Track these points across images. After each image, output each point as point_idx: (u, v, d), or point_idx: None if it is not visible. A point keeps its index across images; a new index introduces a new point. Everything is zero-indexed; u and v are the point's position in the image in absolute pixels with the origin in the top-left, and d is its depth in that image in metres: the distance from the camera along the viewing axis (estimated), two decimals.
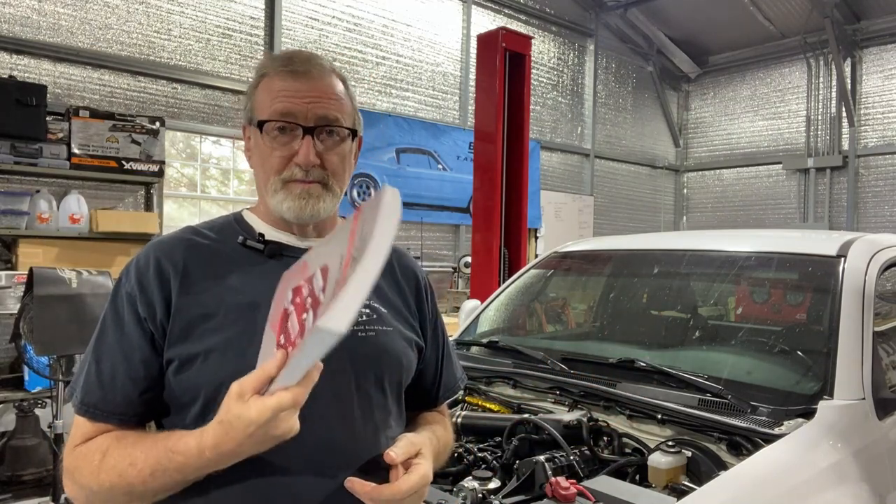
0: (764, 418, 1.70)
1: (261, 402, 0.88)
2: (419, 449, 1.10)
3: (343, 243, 0.90)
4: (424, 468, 1.07)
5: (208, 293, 1.11)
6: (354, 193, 7.00)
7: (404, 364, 1.22)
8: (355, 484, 1.03)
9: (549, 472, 1.56)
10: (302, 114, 1.13)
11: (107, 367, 1.09)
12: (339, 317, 0.78)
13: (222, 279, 1.13)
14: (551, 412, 1.99)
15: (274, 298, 1.01)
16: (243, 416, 0.89)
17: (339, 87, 1.19)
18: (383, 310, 1.22)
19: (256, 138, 1.17)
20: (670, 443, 1.70)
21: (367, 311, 1.18)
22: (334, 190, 1.17)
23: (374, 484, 1.03)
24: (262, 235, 1.18)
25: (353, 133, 1.20)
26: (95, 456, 1.03)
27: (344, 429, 1.09)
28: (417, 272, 1.34)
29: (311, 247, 1.12)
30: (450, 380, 1.39)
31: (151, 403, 1.11)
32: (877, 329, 1.99)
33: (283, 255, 1.17)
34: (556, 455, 1.65)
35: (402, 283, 1.30)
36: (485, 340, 2.65)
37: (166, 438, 1.00)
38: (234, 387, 0.91)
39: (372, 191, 7.06)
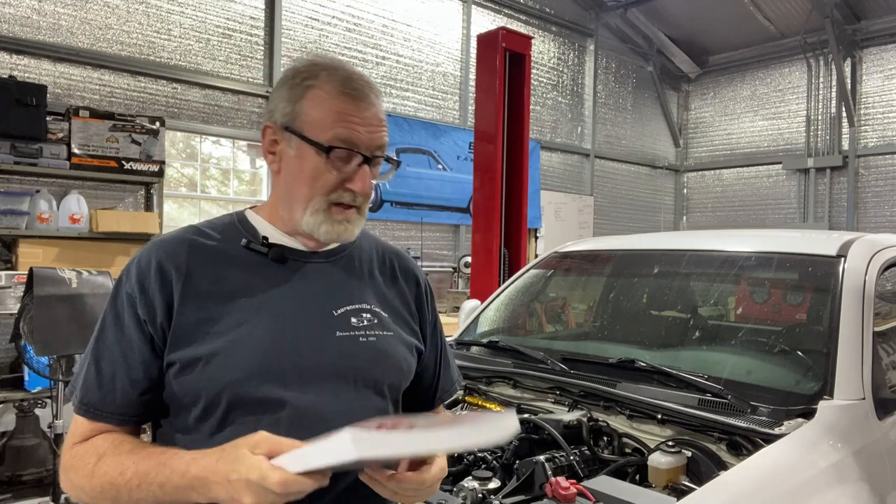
0: (764, 418, 1.70)
1: (265, 465, 0.89)
2: None
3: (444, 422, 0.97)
4: (442, 462, 1.08)
5: (211, 296, 1.11)
6: None
7: (404, 369, 1.23)
8: (375, 473, 1.01)
9: (549, 472, 1.56)
10: (364, 143, 1.12)
11: (106, 368, 1.09)
12: (365, 445, 0.82)
13: (225, 282, 1.12)
14: (551, 412, 1.99)
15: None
16: (243, 462, 0.91)
17: (384, 109, 1.19)
18: (384, 314, 1.22)
19: (302, 152, 1.12)
20: (670, 443, 1.70)
21: (369, 315, 1.19)
22: (364, 212, 1.19)
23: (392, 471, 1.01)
24: (265, 239, 1.17)
25: (395, 163, 1.25)
26: (91, 458, 1.05)
27: (349, 420, 1.08)
28: (418, 274, 1.35)
29: (322, 262, 1.20)
30: (447, 382, 1.39)
31: (150, 405, 1.11)
32: (877, 329, 1.99)
33: (287, 259, 1.17)
34: (556, 455, 1.65)
35: (402, 286, 1.30)
36: (485, 340, 2.65)
37: (162, 453, 1.02)
38: (258, 436, 0.94)
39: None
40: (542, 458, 1.60)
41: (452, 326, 3.29)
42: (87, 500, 1.06)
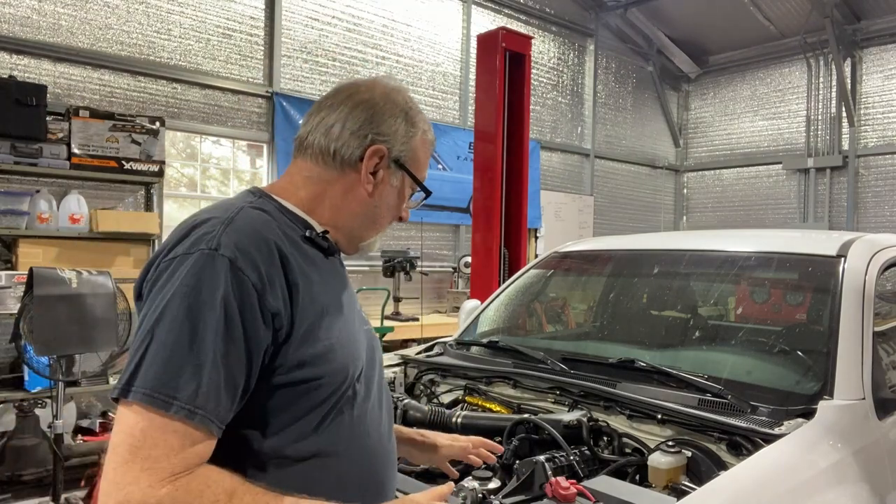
0: (764, 418, 1.70)
1: None
2: None
3: None
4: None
5: (313, 289, 1.08)
6: None
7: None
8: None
9: (549, 472, 1.56)
10: None
11: (236, 370, 0.95)
12: None
13: (315, 274, 1.11)
14: (551, 412, 1.99)
15: None
16: None
17: None
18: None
19: (403, 186, 1.24)
20: (670, 443, 1.70)
21: (363, 312, 1.33)
22: None
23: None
24: (326, 233, 1.19)
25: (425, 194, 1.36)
26: (219, 495, 0.88)
27: (388, 403, 1.28)
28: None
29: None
30: None
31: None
32: (877, 329, 1.99)
33: (331, 255, 1.22)
34: (556, 455, 1.65)
35: None
36: (485, 340, 2.65)
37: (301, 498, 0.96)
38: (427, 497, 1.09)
39: None
40: (542, 458, 1.60)
41: (452, 326, 3.29)
42: None
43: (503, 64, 5.19)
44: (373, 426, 1.16)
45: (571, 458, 1.66)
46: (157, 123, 5.20)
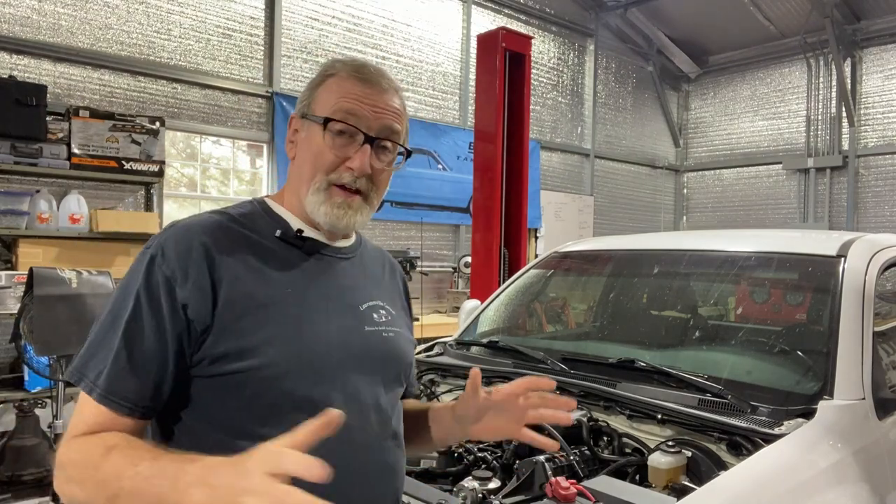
0: (764, 418, 1.70)
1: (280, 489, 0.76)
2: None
3: None
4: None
5: (256, 286, 1.08)
6: None
7: (411, 363, 1.34)
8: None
9: (549, 472, 1.56)
10: (366, 121, 1.15)
11: (139, 355, 1.01)
12: None
13: (266, 272, 1.11)
14: None
15: None
16: (251, 480, 0.77)
17: (403, 104, 1.23)
18: (392, 311, 1.28)
19: (310, 133, 1.15)
20: (670, 443, 1.70)
21: (384, 312, 1.25)
22: (373, 203, 1.19)
23: None
24: (300, 231, 1.17)
25: (405, 152, 1.23)
26: (98, 450, 0.95)
27: (376, 418, 1.16)
28: (403, 274, 1.45)
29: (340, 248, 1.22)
30: (413, 379, 1.46)
31: (170, 397, 1.06)
32: (877, 329, 1.99)
33: (315, 253, 1.19)
34: (556, 455, 1.65)
35: (397, 285, 1.39)
36: (485, 340, 2.65)
37: (168, 457, 0.91)
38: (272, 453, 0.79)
39: None
40: (542, 458, 1.60)
41: (452, 326, 3.29)
42: (82, 498, 0.95)
43: (503, 64, 5.19)
44: (324, 440, 0.96)
45: (571, 458, 1.66)
46: (157, 123, 5.20)
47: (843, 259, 2.15)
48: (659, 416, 1.80)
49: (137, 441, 0.98)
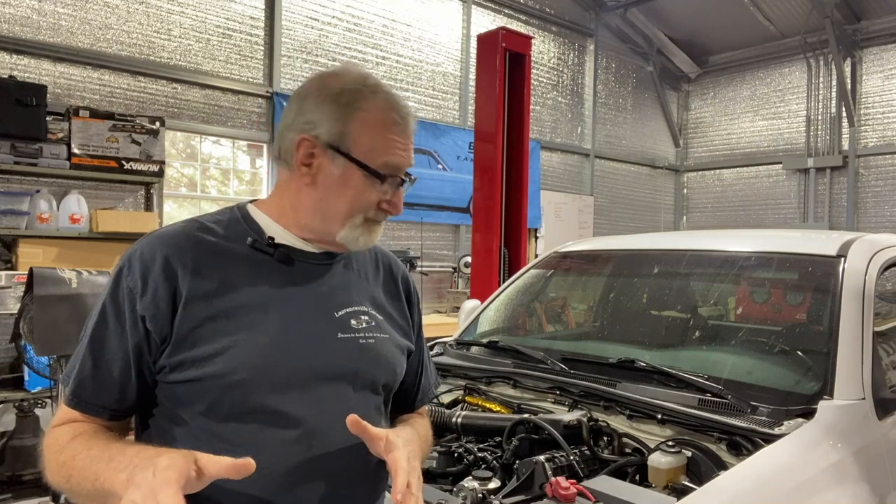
0: (764, 418, 1.70)
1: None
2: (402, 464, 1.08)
3: None
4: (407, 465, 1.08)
5: (217, 296, 1.10)
6: None
7: (397, 371, 1.28)
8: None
9: (549, 472, 1.56)
10: (405, 167, 1.19)
11: (102, 362, 1.08)
12: None
13: (231, 281, 1.12)
14: (551, 412, 1.99)
15: None
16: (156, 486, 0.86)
17: None
18: (379, 316, 1.26)
19: (346, 172, 1.14)
20: (670, 443, 1.70)
21: (366, 317, 1.22)
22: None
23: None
24: (272, 239, 1.17)
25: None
26: (66, 436, 1.04)
27: (342, 426, 1.08)
28: (408, 278, 1.40)
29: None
30: (427, 385, 1.43)
31: (138, 400, 1.11)
32: (877, 329, 1.99)
33: (291, 260, 1.18)
34: (556, 455, 1.65)
35: (395, 289, 1.34)
36: (485, 340, 2.65)
37: (120, 450, 0.99)
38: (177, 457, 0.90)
39: None
40: (542, 458, 1.60)
41: (452, 326, 3.29)
42: (51, 479, 1.04)
43: (503, 64, 5.19)
44: (283, 447, 1.07)
45: (571, 458, 1.66)
46: (157, 123, 5.20)
47: (843, 259, 2.15)
48: (659, 416, 1.80)
49: (103, 431, 1.07)
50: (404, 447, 1.09)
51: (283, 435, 1.08)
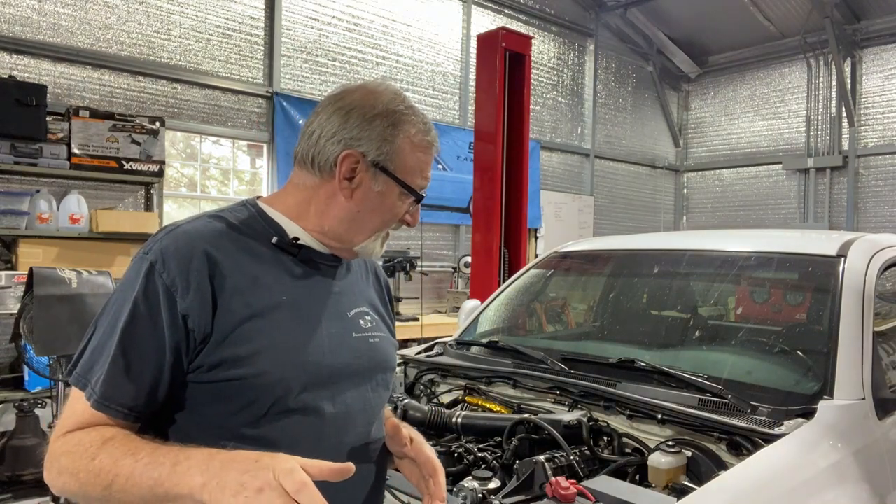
0: (764, 418, 1.70)
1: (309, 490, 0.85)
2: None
3: None
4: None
5: (253, 294, 1.10)
6: None
7: (395, 367, 1.37)
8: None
9: (549, 472, 1.56)
10: (428, 184, 1.27)
11: (135, 364, 1.03)
12: None
13: (262, 279, 1.13)
14: (551, 412, 1.99)
15: None
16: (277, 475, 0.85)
17: None
18: (377, 317, 1.32)
19: (387, 189, 1.19)
20: (670, 443, 1.70)
21: (370, 317, 1.28)
22: None
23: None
24: (296, 239, 1.19)
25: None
26: (94, 442, 0.98)
27: (363, 421, 1.20)
28: (385, 277, 1.47)
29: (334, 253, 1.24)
30: (394, 385, 1.55)
31: (165, 402, 1.08)
32: (877, 329, 1.99)
33: (314, 262, 1.21)
34: (556, 455, 1.65)
35: (383, 293, 1.42)
36: (485, 340, 2.65)
37: (180, 451, 0.95)
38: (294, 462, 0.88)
39: None
40: (542, 458, 1.60)
41: (452, 326, 3.29)
42: (74, 488, 0.97)
43: (503, 64, 5.19)
44: (314, 444, 1.09)
45: (571, 458, 1.66)
46: (157, 123, 5.20)
47: (843, 259, 2.15)
48: (659, 416, 1.80)
49: (133, 435, 1.01)
50: (430, 447, 1.23)
51: (315, 432, 1.12)
